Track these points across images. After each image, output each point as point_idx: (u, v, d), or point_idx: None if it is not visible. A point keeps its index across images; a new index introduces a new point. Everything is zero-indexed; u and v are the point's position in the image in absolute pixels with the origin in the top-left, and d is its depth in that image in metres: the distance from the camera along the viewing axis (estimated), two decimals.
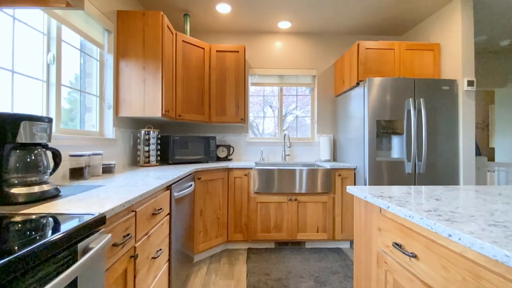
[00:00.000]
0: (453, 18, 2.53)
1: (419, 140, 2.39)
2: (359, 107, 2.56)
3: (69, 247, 0.65)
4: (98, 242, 0.73)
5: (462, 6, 2.45)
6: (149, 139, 2.37)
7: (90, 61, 2.06)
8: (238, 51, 2.90)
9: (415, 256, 0.84)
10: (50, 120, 1.05)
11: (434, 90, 2.42)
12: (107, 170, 1.80)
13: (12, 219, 0.72)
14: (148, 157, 2.36)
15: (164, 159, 2.57)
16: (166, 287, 1.52)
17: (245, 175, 2.61)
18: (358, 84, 2.66)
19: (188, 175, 2.03)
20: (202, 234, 2.36)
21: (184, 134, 3.16)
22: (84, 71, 2.01)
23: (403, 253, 0.88)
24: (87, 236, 0.72)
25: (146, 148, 2.36)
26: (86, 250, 0.70)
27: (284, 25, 3.10)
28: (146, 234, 1.23)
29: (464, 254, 0.67)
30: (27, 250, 0.51)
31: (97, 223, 0.76)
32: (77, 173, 1.49)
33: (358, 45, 2.65)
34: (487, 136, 5.22)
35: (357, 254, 1.29)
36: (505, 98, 4.10)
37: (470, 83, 2.41)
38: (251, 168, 2.62)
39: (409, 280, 0.87)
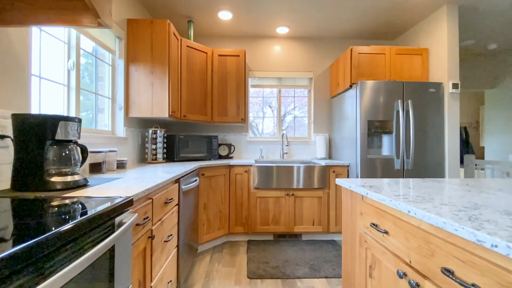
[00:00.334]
0: (440, 25, 2.71)
1: (407, 138, 2.57)
2: (352, 108, 2.74)
3: (110, 219, 0.82)
4: (128, 219, 0.91)
5: (448, 14, 2.63)
6: (156, 138, 2.54)
7: (102, 66, 2.24)
8: (238, 55, 3.08)
9: (386, 232, 1.02)
10: (79, 120, 1.23)
11: (421, 92, 2.60)
12: (120, 165, 1.97)
13: (63, 201, 0.90)
14: (155, 154, 2.54)
15: (170, 156, 2.74)
16: (175, 269, 1.70)
17: (246, 171, 2.79)
18: (351, 86, 2.84)
19: (193, 170, 2.21)
20: (206, 226, 2.54)
21: (188, 133, 3.33)
22: (97, 75, 2.19)
23: (378, 231, 1.06)
24: (121, 214, 0.90)
25: (154, 146, 2.54)
26: (120, 224, 0.88)
27: (282, 30, 3.28)
28: (160, 219, 1.41)
29: (420, 226, 0.85)
30: (88, 216, 0.69)
31: (127, 204, 0.94)
32: (96, 168, 1.66)
33: (351, 50, 2.83)
34: (479, 136, 5.41)
35: (345, 238, 1.47)
36: (494, 99, 4.28)
37: (454, 85, 2.59)
38: (251, 165, 2.80)
39: (383, 253, 1.05)
